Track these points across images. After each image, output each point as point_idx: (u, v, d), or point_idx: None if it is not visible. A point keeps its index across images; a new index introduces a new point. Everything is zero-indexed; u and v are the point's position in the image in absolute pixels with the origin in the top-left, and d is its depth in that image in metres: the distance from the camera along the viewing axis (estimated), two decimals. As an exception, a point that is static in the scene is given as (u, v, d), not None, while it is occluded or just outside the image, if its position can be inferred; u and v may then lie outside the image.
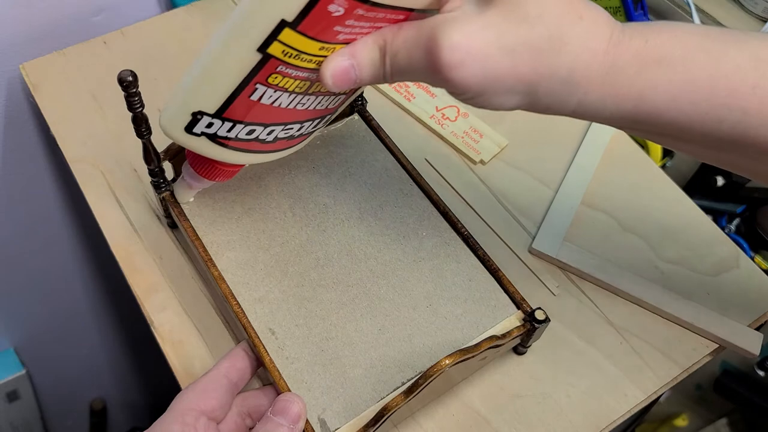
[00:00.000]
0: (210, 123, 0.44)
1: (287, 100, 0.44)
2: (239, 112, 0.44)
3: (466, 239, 0.56)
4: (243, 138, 0.46)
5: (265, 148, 0.49)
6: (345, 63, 0.41)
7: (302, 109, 0.46)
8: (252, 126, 0.46)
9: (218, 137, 0.46)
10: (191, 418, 0.45)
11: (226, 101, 0.43)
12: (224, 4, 0.77)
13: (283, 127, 0.47)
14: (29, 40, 0.73)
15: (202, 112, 0.44)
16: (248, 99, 0.43)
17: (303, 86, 0.43)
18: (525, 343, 0.55)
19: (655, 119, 0.40)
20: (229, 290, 0.52)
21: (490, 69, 0.38)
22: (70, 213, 0.93)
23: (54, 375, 1.16)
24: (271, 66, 0.40)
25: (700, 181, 0.86)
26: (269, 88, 0.42)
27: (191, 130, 0.45)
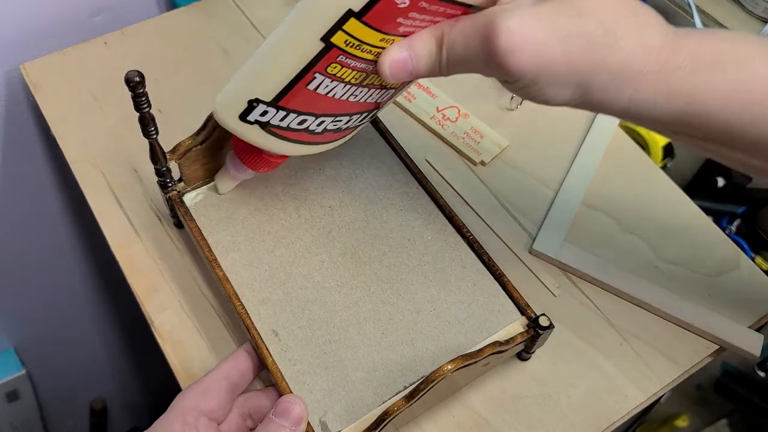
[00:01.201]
0: (264, 111, 0.46)
1: (342, 91, 0.45)
2: (295, 102, 0.45)
3: (471, 243, 0.56)
4: (294, 128, 0.48)
5: (312, 140, 0.50)
6: (403, 54, 0.42)
7: (354, 101, 0.47)
8: (304, 116, 0.47)
9: (270, 126, 0.47)
10: (192, 418, 0.45)
11: (284, 89, 0.44)
12: (224, 4, 0.77)
13: (333, 118, 0.48)
14: (29, 40, 0.73)
15: (258, 99, 0.45)
16: (305, 88, 0.44)
17: (359, 77, 0.44)
18: (529, 349, 0.55)
19: (704, 121, 0.40)
20: (233, 291, 0.52)
21: (544, 56, 0.38)
22: (70, 213, 0.93)
23: (54, 375, 1.16)
24: (332, 55, 0.41)
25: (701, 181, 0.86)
26: (327, 78, 0.43)
27: (245, 118, 0.46)
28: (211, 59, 0.73)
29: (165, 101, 0.68)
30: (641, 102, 0.40)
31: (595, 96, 0.40)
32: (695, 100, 0.39)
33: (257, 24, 0.76)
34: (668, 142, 0.84)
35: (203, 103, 0.55)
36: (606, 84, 0.39)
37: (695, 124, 0.40)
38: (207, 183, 0.58)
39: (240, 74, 0.46)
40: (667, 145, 0.84)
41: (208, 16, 0.76)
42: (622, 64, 0.39)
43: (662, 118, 0.41)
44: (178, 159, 0.54)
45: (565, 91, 0.40)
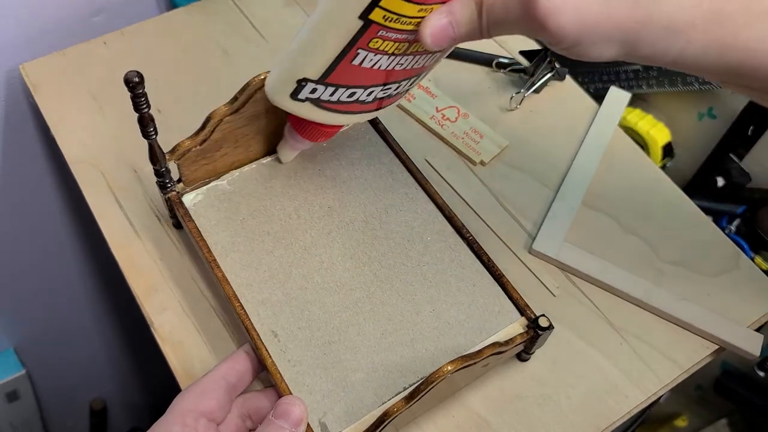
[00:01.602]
0: (314, 89, 0.47)
1: (387, 62, 0.46)
2: (341, 77, 0.46)
3: (471, 244, 0.56)
4: (344, 101, 0.49)
5: (364, 109, 0.51)
6: (443, 21, 0.41)
7: (400, 69, 0.47)
8: (353, 89, 0.48)
9: (321, 101, 0.48)
10: (191, 419, 0.45)
11: (329, 67, 0.45)
12: (224, 4, 0.77)
13: (383, 87, 0.49)
14: (29, 40, 0.73)
15: (306, 79, 0.46)
16: (350, 64, 0.45)
17: (402, 48, 0.45)
18: (528, 349, 0.55)
19: (759, 73, 0.38)
20: (232, 291, 0.52)
21: (587, 16, 0.37)
22: (69, 213, 0.93)
23: (54, 375, 1.16)
24: (372, 31, 0.42)
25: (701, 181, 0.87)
26: (370, 53, 0.44)
27: (296, 97, 0.48)
28: (211, 59, 0.73)
29: (165, 101, 0.68)
30: (691, 56, 0.39)
31: (643, 51, 0.39)
32: (749, 53, 0.38)
33: (257, 24, 0.76)
34: (668, 142, 0.84)
35: (203, 104, 0.55)
36: (654, 39, 0.38)
37: (749, 75, 0.39)
38: (206, 183, 0.58)
39: (286, 55, 0.47)
40: (666, 145, 0.84)
41: (208, 16, 0.76)
42: (670, 18, 0.37)
43: (713, 69, 0.39)
44: (177, 159, 0.54)
45: (610, 49, 0.39)
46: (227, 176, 0.58)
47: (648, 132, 0.83)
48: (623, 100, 0.73)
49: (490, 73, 0.75)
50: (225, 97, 0.53)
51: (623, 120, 0.83)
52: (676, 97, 0.88)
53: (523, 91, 0.71)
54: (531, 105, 0.72)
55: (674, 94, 0.87)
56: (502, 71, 0.74)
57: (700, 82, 0.83)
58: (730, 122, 0.83)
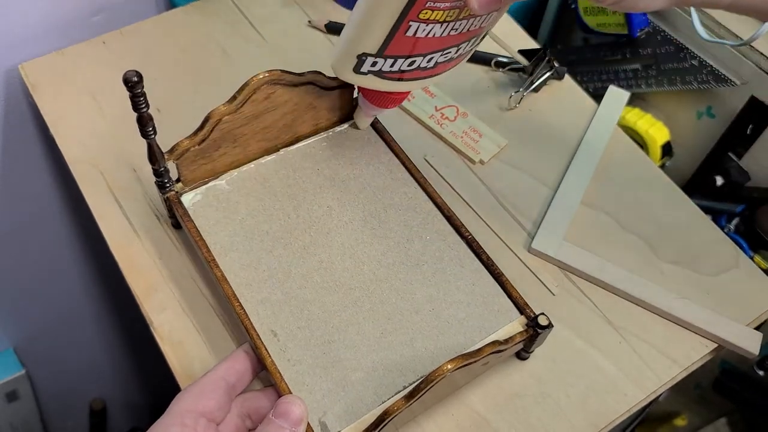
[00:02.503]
0: (374, 62, 0.49)
1: (440, 30, 0.47)
2: (398, 49, 0.48)
3: (470, 243, 0.56)
4: (405, 69, 0.50)
5: (427, 74, 0.52)
6: None
7: (456, 35, 0.48)
8: (413, 58, 0.49)
9: (383, 72, 0.50)
10: (190, 419, 0.45)
11: (385, 41, 0.47)
12: (224, 4, 0.77)
13: (442, 53, 0.50)
14: (29, 40, 0.73)
15: (365, 53, 0.48)
16: (404, 36, 0.46)
17: (453, 14, 0.45)
18: (528, 348, 0.55)
19: None
20: (231, 291, 0.52)
21: None
22: (69, 213, 0.93)
23: (54, 375, 1.16)
24: (420, 3, 0.43)
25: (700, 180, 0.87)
26: (422, 23, 0.45)
27: (359, 70, 0.50)
28: (211, 59, 0.73)
29: (164, 101, 0.68)
30: None
31: None
32: None
33: (256, 23, 0.76)
34: (667, 141, 0.84)
35: (203, 103, 0.55)
36: None
37: None
38: (205, 183, 0.58)
39: (344, 33, 0.48)
40: (665, 144, 0.84)
41: (207, 16, 0.76)
42: None
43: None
44: (176, 159, 0.54)
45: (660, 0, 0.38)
46: (226, 176, 0.58)
47: (647, 131, 0.83)
48: (622, 99, 0.73)
49: (489, 72, 0.75)
50: (224, 96, 0.53)
51: (622, 119, 0.83)
52: (675, 96, 0.88)
53: (522, 90, 0.72)
54: (530, 104, 0.72)
55: (673, 93, 0.87)
56: (501, 70, 0.74)
57: (699, 81, 0.83)
58: (729, 121, 0.83)
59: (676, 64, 0.84)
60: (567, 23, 1.01)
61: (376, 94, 0.57)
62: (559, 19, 1.02)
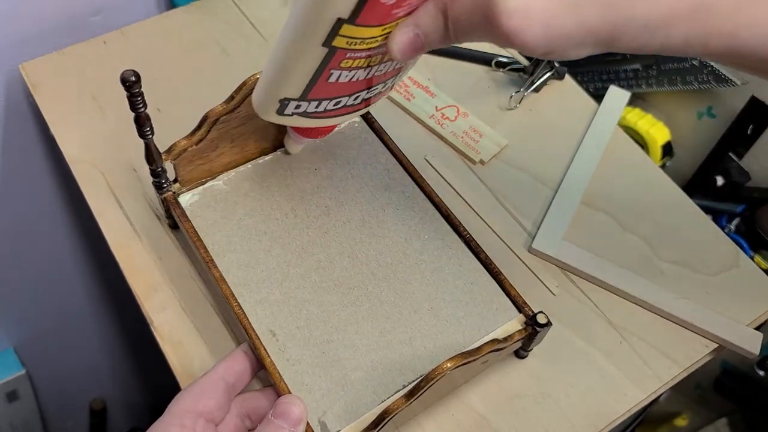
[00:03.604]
0: (298, 105, 0.47)
1: (364, 73, 0.45)
2: (322, 93, 0.46)
3: (468, 242, 0.56)
4: (331, 109, 0.49)
5: (353, 110, 0.51)
6: (410, 34, 0.41)
7: (381, 74, 0.47)
8: (337, 98, 0.48)
9: (308, 113, 0.49)
10: (189, 420, 0.45)
11: (306, 88, 0.45)
12: (224, 4, 0.77)
13: (367, 91, 0.49)
14: (29, 40, 0.73)
15: (287, 98, 0.46)
16: (327, 83, 0.45)
17: (376, 59, 0.44)
18: (527, 346, 0.55)
19: (750, 56, 0.37)
20: (230, 291, 0.52)
21: (555, 28, 0.36)
22: (70, 213, 0.93)
23: (54, 375, 1.16)
24: (340, 55, 0.42)
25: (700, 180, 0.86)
26: (344, 71, 0.44)
27: (283, 113, 0.48)
28: (211, 59, 0.73)
29: (164, 101, 0.68)
30: (674, 46, 0.37)
31: (620, 47, 0.37)
32: (737, 40, 0.36)
33: (256, 24, 0.76)
34: (667, 141, 0.84)
35: (202, 103, 0.55)
36: (632, 37, 0.36)
37: (740, 60, 0.37)
38: (203, 183, 0.58)
39: (264, 76, 0.47)
40: (666, 144, 0.84)
41: (208, 16, 0.76)
42: (647, 17, 0.35)
43: (698, 55, 0.38)
44: (174, 159, 0.54)
45: (585, 51, 0.38)
46: (223, 176, 0.58)
47: (647, 131, 0.83)
48: (623, 99, 0.73)
49: (489, 72, 0.75)
50: (224, 96, 0.53)
51: (623, 119, 0.83)
52: (676, 96, 0.88)
53: (523, 90, 0.71)
54: (530, 104, 0.72)
55: (673, 94, 0.87)
56: (502, 70, 0.74)
57: (699, 81, 0.83)
58: (729, 121, 0.83)
59: (676, 64, 0.84)
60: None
61: (304, 128, 0.55)
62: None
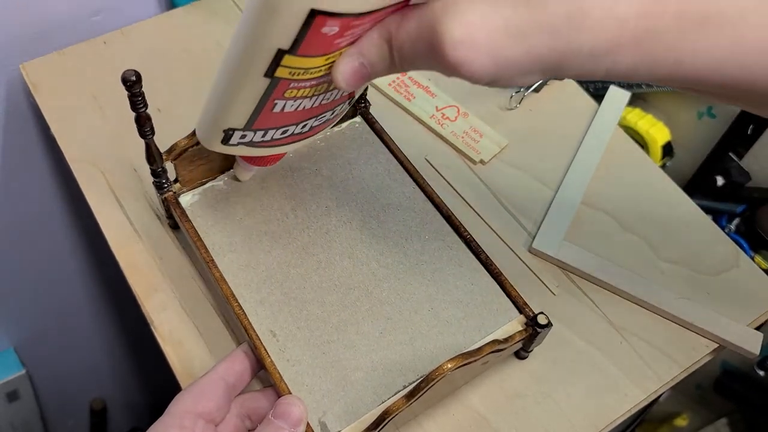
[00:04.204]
0: (243, 135, 0.46)
1: (310, 102, 0.44)
2: (267, 122, 0.45)
3: (469, 243, 0.56)
4: (278, 137, 0.48)
5: (302, 138, 0.50)
6: (355, 63, 0.39)
7: (328, 102, 0.46)
8: (284, 127, 0.47)
9: (255, 143, 0.47)
10: (189, 421, 0.45)
11: (251, 118, 0.44)
12: (224, 4, 0.77)
13: (315, 118, 0.48)
14: (29, 40, 0.73)
15: (232, 128, 0.45)
16: (272, 113, 0.43)
17: (321, 88, 0.43)
18: (527, 347, 0.55)
19: (694, 82, 0.37)
20: (230, 291, 0.52)
21: (502, 58, 0.35)
22: (70, 213, 0.93)
23: (54, 375, 1.16)
24: (283, 85, 0.41)
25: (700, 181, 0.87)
26: (288, 100, 0.43)
27: (228, 143, 0.47)
28: (211, 59, 0.73)
29: (164, 101, 0.68)
30: (622, 72, 0.36)
31: (568, 74, 0.37)
32: (682, 67, 0.35)
33: (256, 23, 0.76)
34: (667, 141, 0.84)
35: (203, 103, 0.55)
36: (578, 64, 0.36)
37: (686, 85, 0.37)
38: (203, 184, 0.58)
39: (207, 106, 0.45)
40: (666, 144, 0.84)
41: (208, 16, 0.76)
42: (592, 44, 0.35)
43: (647, 80, 0.38)
44: (174, 159, 0.54)
45: (533, 78, 0.37)
46: (224, 176, 0.58)
47: (647, 131, 0.83)
48: (623, 99, 0.73)
49: (489, 72, 0.74)
50: (225, 96, 0.53)
51: (623, 119, 0.83)
52: (676, 96, 0.88)
53: (523, 90, 0.71)
54: (531, 104, 0.72)
55: (674, 94, 0.87)
56: (502, 70, 0.74)
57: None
58: (729, 121, 0.83)
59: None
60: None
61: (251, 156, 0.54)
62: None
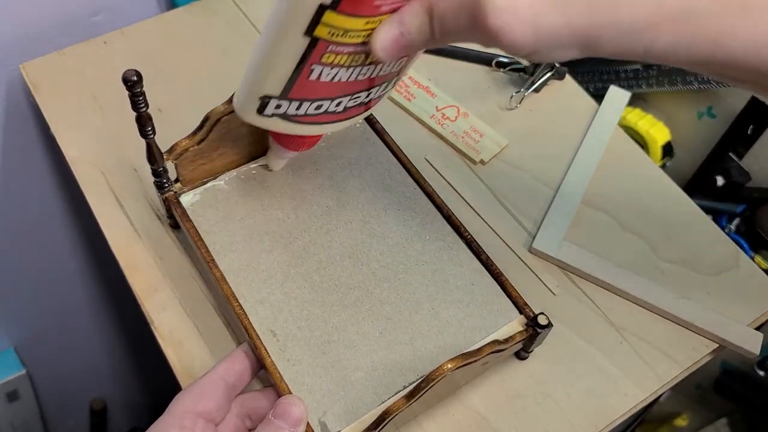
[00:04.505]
0: (278, 104, 0.46)
1: (346, 74, 0.45)
2: (303, 92, 0.45)
3: (469, 243, 0.56)
4: (312, 113, 0.48)
5: (337, 119, 0.50)
6: (394, 32, 0.40)
7: (364, 79, 0.46)
8: (319, 101, 0.47)
9: (289, 116, 0.47)
10: (189, 420, 0.45)
11: (288, 84, 0.44)
12: (224, 4, 0.77)
13: (351, 97, 0.48)
14: (29, 40, 0.73)
15: (268, 95, 0.45)
16: (307, 80, 0.44)
17: (358, 59, 0.43)
18: (527, 348, 0.55)
19: (732, 66, 0.37)
20: (230, 291, 0.52)
21: (542, 27, 0.36)
22: (70, 213, 0.93)
23: (54, 375, 1.16)
24: (322, 47, 0.41)
25: (700, 181, 0.87)
26: (325, 67, 0.43)
27: (263, 113, 0.47)
28: (211, 59, 0.73)
29: (165, 101, 0.68)
30: (660, 51, 0.37)
31: (606, 51, 0.38)
32: (720, 48, 0.36)
33: (257, 23, 0.76)
34: (667, 141, 0.84)
35: (203, 103, 0.55)
36: (617, 39, 0.36)
37: (721, 68, 0.38)
38: (204, 183, 0.58)
39: (246, 73, 0.46)
40: (666, 144, 0.84)
41: (208, 16, 0.76)
42: (632, 18, 0.36)
43: (684, 62, 0.38)
44: (175, 159, 0.54)
45: (570, 53, 0.38)
46: (225, 176, 0.58)
47: (648, 131, 0.83)
48: (623, 99, 0.73)
49: (489, 72, 0.75)
50: (225, 96, 0.53)
51: (623, 119, 0.83)
52: (676, 96, 0.88)
53: (523, 90, 0.71)
54: (531, 104, 0.72)
55: (674, 94, 0.87)
56: (502, 70, 0.74)
57: (699, 81, 0.83)
58: (729, 121, 0.83)
59: (677, 64, 0.84)
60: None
61: (285, 136, 0.54)
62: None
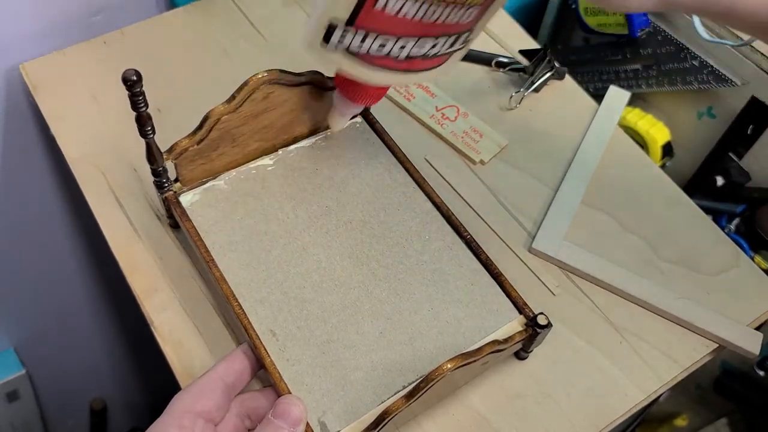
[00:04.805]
0: (343, 34, 0.46)
1: (413, 10, 0.44)
2: (368, 21, 0.45)
3: (469, 243, 0.56)
4: (375, 53, 0.47)
5: (400, 67, 0.49)
6: None
7: (431, 22, 0.46)
8: (383, 38, 0.46)
9: (352, 50, 0.47)
10: (189, 420, 0.45)
11: (355, 8, 0.44)
12: (224, 3, 0.77)
13: (415, 42, 0.48)
14: (29, 39, 0.73)
15: (336, 19, 0.45)
16: (373, 9, 0.44)
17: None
18: (527, 348, 0.55)
19: None
20: (230, 291, 0.52)
21: None
22: (70, 213, 0.93)
23: (54, 375, 1.16)
24: None
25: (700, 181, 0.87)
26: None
27: (328, 41, 0.46)
28: (211, 59, 0.73)
29: (165, 101, 0.68)
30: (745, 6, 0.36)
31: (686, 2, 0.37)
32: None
33: (257, 23, 0.76)
34: (667, 141, 0.84)
35: (203, 103, 0.55)
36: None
37: None
38: (204, 183, 0.58)
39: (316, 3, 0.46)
40: (666, 144, 0.84)
41: (208, 16, 0.76)
42: None
43: None
44: (175, 159, 0.54)
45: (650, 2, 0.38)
46: (225, 176, 0.58)
47: (647, 131, 0.83)
48: (623, 99, 0.73)
49: (489, 72, 0.75)
50: (225, 96, 0.53)
51: (623, 119, 0.83)
52: (676, 96, 0.88)
53: (523, 90, 0.71)
54: (530, 104, 0.72)
55: (673, 94, 0.87)
56: (502, 70, 0.74)
57: (699, 81, 0.83)
58: (729, 121, 0.83)
59: (676, 64, 0.84)
60: (567, 23, 1.01)
61: (350, 87, 0.55)
62: (560, 19, 1.02)
